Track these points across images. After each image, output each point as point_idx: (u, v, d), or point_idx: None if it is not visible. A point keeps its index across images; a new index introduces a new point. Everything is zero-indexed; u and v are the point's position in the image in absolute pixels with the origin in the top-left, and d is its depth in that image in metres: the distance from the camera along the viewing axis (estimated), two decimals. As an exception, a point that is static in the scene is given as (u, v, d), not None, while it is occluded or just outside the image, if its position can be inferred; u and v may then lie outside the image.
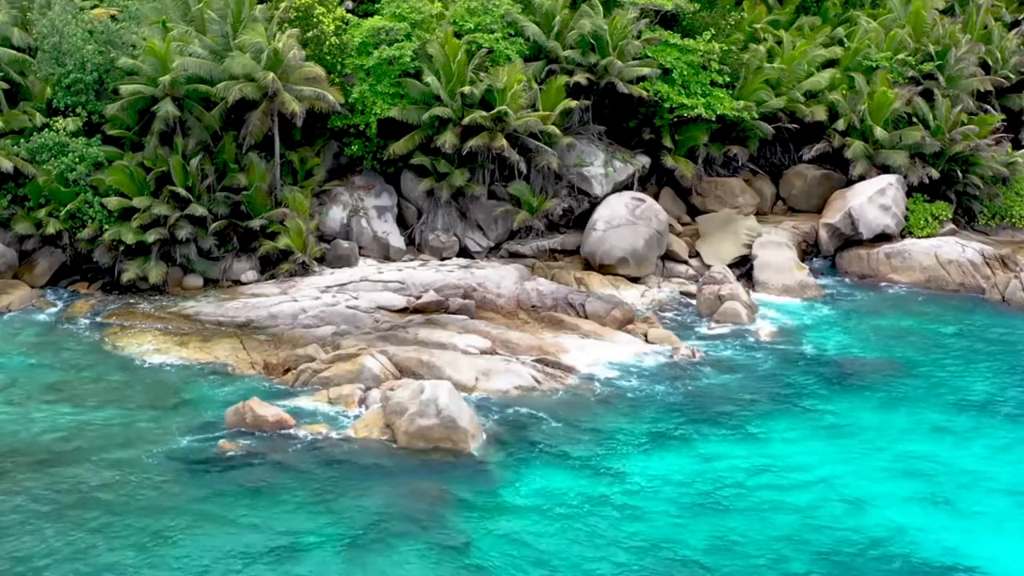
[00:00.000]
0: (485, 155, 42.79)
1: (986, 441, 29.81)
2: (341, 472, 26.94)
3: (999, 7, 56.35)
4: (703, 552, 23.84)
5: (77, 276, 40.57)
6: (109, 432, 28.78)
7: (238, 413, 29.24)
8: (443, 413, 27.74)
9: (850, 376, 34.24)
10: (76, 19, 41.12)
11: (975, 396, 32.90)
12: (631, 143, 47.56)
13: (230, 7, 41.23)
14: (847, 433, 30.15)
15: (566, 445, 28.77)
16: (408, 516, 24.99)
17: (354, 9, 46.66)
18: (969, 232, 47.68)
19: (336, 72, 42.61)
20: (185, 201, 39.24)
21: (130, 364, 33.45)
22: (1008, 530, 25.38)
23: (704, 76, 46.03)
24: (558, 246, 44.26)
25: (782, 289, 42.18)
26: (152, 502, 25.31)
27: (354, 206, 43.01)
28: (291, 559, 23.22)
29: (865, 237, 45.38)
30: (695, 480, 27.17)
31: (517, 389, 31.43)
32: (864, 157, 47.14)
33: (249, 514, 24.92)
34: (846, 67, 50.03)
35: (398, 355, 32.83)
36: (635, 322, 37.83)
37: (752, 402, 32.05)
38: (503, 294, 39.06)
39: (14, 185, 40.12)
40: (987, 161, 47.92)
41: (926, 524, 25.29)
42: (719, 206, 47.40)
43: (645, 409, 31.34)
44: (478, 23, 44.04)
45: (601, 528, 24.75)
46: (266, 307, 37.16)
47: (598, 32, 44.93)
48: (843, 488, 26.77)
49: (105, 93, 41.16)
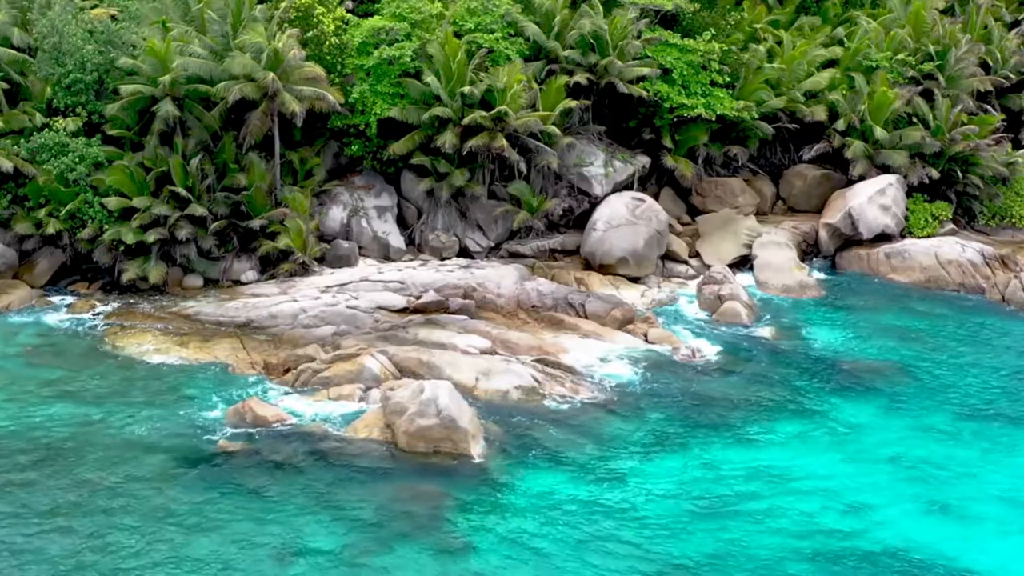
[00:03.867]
0: (485, 155, 42.77)
1: (987, 443, 29.80)
2: (341, 473, 26.94)
3: (999, 7, 56.35)
4: (703, 556, 23.84)
5: (77, 276, 40.52)
6: (109, 432, 28.78)
7: (238, 413, 29.29)
8: (443, 413, 27.73)
9: (850, 377, 34.22)
10: (76, 19, 41.10)
11: (976, 398, 32.87)
12: (631, 143, 47.54)
13: (230, 7, 41.23)
14: (847, 435, 30.13)
15: (566, 446, 28.76)
16: (408, 518, 25.00)
17: (354, 9, 46.63)
18: (969, 232, 47.66)
19: (336, 72, 42.61)
20: (185, 201, 39.24)
21: (130, 364, 33.44)
22: (1008, 531, 25.39)
23: (704, 76, 46.03)
24: (558, 246, 44.24)
25: (782, 289, 42.21)
26: (151, 502, 25.31)
27: (354, 206, 42.99)
28: (291, 561, 23.24)
29: (865, 237, 45.37)
30: (695, 483, 27.16)
31: (517, 389, 31.41)
32: (864, 157, 47.13)
33: (249, 515, 24.92)
34: (846, 67, 50.02)
35: (398, 355, 32.84)
36: (635, 322, 37.82)
37: (752, 403, 32.05)
38: (503, 294, 39.06)
39: (14, 185, 40.11)
40: (987, 161, 47.92)
41: (926, 527, 25.30)
42: (719, 206, 47.40)
43: (645, 410, 31.35)
44: (478, 23, 44.03)
45: (601, 531, 24.73)
46: (266, 307, 37.17)
47: (598, 32, 44.93)
48: (843, 492, 26.76)
49: (105, 93, 41.15)
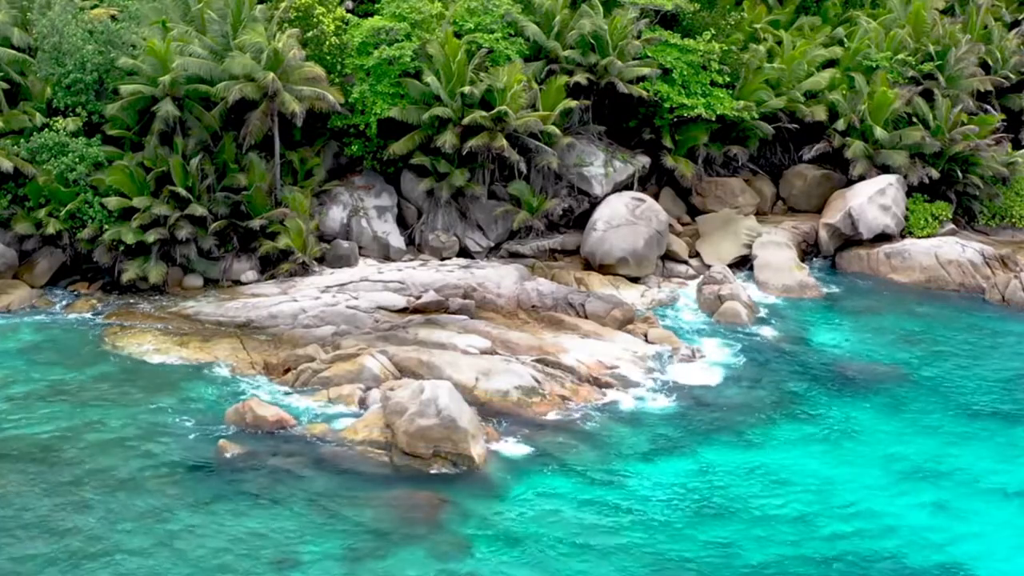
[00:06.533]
0: (485, 155, 42.75)
1: (987, 443, 29.80)
2: (340, 473, 26.93)
3: (999, 7, 56.33)
4: (704, 559, 23.82)
5: (77, 276, 40.51)
6: (109, 432, 28.78)
7: (238, 413, 29.29)
8: (443, 413, 27.70)
9: (850, 378, 34.21)
10: (76, 19, 41.10)
11: (976, 398, 32.85)
12: (631, 143, 47.52)
13: (230, 7, 41.22)
14: (847, 436, 30.13)
15: (566, 446, 28.76)
16: (407, 519, 24.99)
17: (354, 9, 46.63)
18: (969, 232, 47.63)
19: (336, 72, 42.59)
20: (185, 201, 39.23)
21: (130, 364, 33.43)
22: (1008, 531, 25.38)
23: (704, 76, 46.01)
24: (558, 246, 44.22)
25: (782, 289, 42.19)
26: (151, 503, 25.31)
27: (354, 206, 42.99)
28: (290, 562, 23.21)
29: (865, 237, 45.35)
30: (695, 484, 27.16)
31: (517, 389, 31.38)
32: (864, 157, 47.11)
33: (248, 516, 24.92)
34: (846, 67, 50.01)
35: (398, 355, 32.83)
36: (635, 322, 37.81)
37: (752, 403, 32.04)
38: (503, 294, 39.05)
39: (14, 185, 40.10)
40: (987, 161, 47.89)
41: (928, 528, 25.28)
42: (719, 206, 47.38)
43: (645, 411, 31.35)
44: (478, 23, 44.02)
45: (601, 532, 24.72)
46: (266, 307, 37.16)
47: (598, 32, 44.91)
48: (843, 492, 26.77)
49: (105, 93, 41.14)
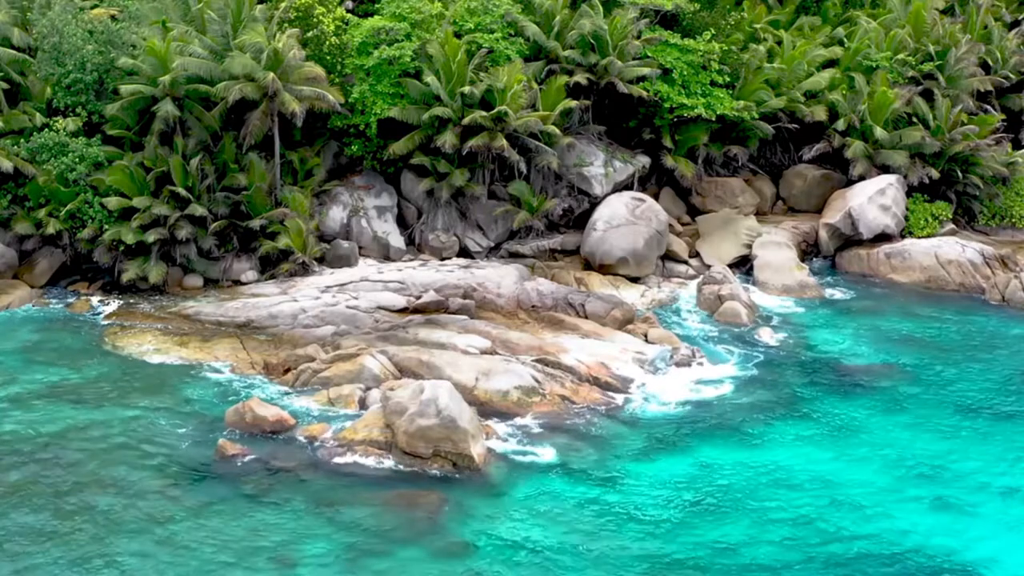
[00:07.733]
0: (485, 155, 42.77)
1: (988, 442, 29.77)
2: (340, 473, 26.91)
3: (999, 7, 56.36)
4: (705, 558, 23.79)
5: (77, 276, 40.56)
6: (108, 432, 28.76)
7: (238, 413, 29.26)
8: (443, 413, 27.67)
9: (850, 377, 34.21)
10: (76, 19, 41.12)
11: (976, 398, 32.85)
12: (631, 143, 47.54)
13: (230, 7, 41.23)
14: (847, 435, 30.11)
15: (566, 447, 28.72)
16: (408, 519, 24.97)
17: (354, 9, 46.66)
18: (969, 232, 47.68)
19: (336, 72, 42.61)
20: (185, 201, 39.24)
21: (130, 364, 33.43)
22: (1009, 529, 25.37)
23: (704, 76, 46.03)
24: (558, 246, 44.24)
25: (782, 289, 42.20)
26: (151, 504, 25.28)
27: (354, 206, 43.00)
28: (290, 562, 23.19)
29: (865, 237, 45.37)
30: (695, 483, 27.14)
31: (517, 389, 31.35)
32: (864, 157, 47.13)
33: (248, 517, 24.89)
34: (846, 67, 50.03)
35: (398, 355, 32.82)
36: (635, 322, 37.81)
37: (751, 403, 32.02)
38: (503, 294, 39.05)
39: (14, 185, 40.13)
40: (987, 161, 47.92)
41: (929, 528, 25.25)
42: (719, 206, 47.41)
43: (646, 411, 31.35)
44: (478, 23, 44.03)
45: (601, 532, 24.70)
46: (266, 307, 37.16)
47: (598, 32, 44.92)
48: (845, 492, 26.72)
49: (105, 93, 41.15)
